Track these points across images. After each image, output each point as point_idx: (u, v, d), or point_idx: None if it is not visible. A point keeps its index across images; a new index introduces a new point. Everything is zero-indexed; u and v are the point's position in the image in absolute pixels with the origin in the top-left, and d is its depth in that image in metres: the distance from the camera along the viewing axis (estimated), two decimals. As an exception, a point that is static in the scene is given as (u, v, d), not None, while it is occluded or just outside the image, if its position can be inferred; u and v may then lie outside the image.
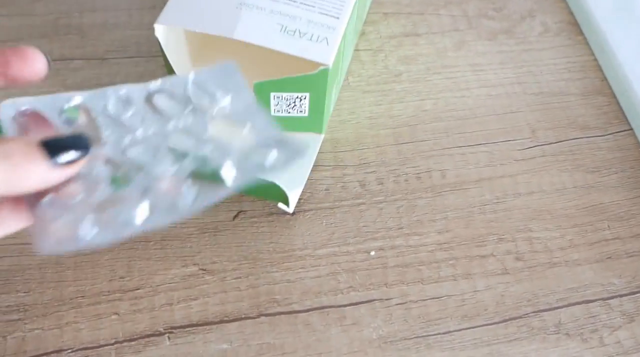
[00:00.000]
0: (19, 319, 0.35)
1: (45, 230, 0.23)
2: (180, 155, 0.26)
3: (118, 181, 0.25)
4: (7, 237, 0.38)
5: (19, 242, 0.38)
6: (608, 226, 0.40)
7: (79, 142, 0.23)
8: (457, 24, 0.51)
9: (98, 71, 0.46)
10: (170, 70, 0.38)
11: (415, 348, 0.35)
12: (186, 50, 0.42)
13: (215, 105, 0.28)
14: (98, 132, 0.26)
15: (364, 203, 0.40)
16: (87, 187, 0.24)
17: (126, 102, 0.27)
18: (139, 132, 0.27)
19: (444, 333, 0.36)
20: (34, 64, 0.25)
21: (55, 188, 0.23)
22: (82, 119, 0.26)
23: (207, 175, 0.26)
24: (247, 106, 0.28)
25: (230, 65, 0.29)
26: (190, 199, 0.25)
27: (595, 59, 0.49)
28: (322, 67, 0.36)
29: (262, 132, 0.27)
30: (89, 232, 0.23)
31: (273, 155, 0.26)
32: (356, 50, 0.48)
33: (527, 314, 0.37)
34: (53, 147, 0.22)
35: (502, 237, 0.39)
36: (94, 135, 0.25)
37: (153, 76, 0.42)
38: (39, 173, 0.22)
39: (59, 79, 0.45)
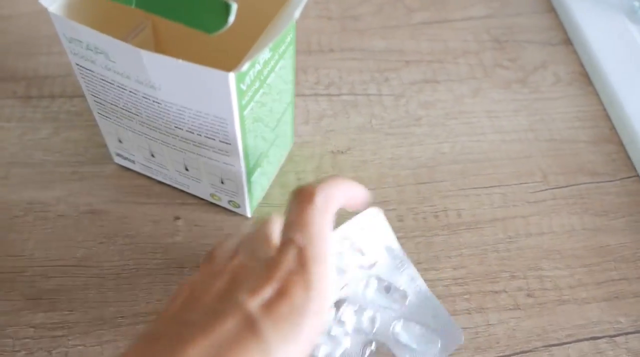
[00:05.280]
0: (63, 336, 0.38)
1: None
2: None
3: None
4: (54, 259, 0.41)
5: (65, 263, 0.41)
6: (615, 267, 0.42)
7: None
8: (474, 73, 0.54)
9: None
10: None
11: (430, 376, 0.37)
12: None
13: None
14: None
15: (384, 238, 0.43)
16: None
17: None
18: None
19: (458, 363, 0.38)
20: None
21: None
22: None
23: None
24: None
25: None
26: None
27: (605, 109, 0.52)
28: None
29: None
30: None
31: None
32: (379, 95, 0.51)
33: (537, 348, 0.39)
34: None
35: (514, 274, 0.42)
36: None
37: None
38: None
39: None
